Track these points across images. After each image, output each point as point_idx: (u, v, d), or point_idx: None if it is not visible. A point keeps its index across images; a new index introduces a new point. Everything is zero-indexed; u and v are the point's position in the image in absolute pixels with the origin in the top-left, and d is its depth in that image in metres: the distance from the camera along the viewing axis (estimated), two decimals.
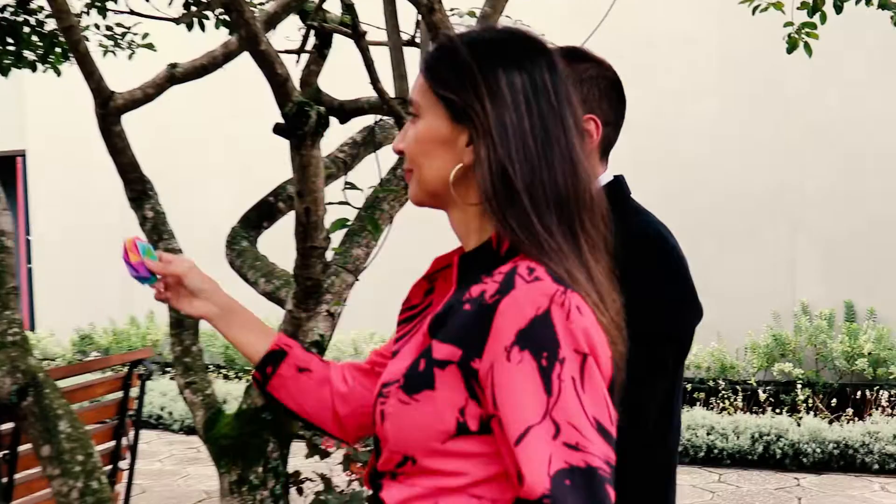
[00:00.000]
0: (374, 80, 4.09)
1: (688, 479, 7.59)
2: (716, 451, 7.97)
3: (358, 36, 4.11)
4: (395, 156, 4.34)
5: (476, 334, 1.35)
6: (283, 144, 3.02)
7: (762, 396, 9.13)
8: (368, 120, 4.84)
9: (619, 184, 2.10)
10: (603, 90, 2.04)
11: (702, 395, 9.38)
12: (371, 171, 4.29)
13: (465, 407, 1.36)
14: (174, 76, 4.08)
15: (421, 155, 1.52)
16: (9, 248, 3.46)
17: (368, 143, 4.74)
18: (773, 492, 7.26)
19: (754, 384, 9.37)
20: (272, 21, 3.89)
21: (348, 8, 4.12)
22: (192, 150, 12.30)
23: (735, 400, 9.17)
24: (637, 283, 1.85)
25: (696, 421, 8.22)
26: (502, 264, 1.40)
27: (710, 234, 10.04)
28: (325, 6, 4.88)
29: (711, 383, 9.51)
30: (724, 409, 9.10)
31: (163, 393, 10.08)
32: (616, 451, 1.34)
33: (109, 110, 3.98)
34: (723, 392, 9.34)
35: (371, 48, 4.19)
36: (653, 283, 1.92)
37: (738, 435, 8.02)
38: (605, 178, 2.07)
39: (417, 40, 5.33)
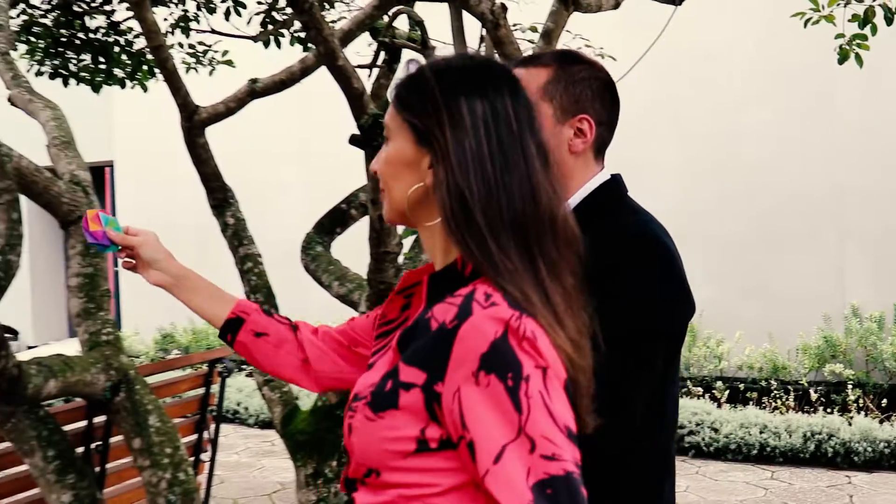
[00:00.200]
0: None
1: (741, 476, 7.51)
2: (768, 449, 7.87)
3: (427, 50, 4.12)
4: None
5: (438, 359, 1.35)
6: (354, 154, 3.05)
7: (813, 396, 9.00)
8: None
9: (615, 183, 2.07)
10: (596, 91, 2.00)
11: (754, 394, 9.26)
12: None
13: (426, 428, 1.37)
14: (255, 90, 4.12)
15: (389, 176, 1.54)
16: (102, 254, 3.52)
17: None
18: (826, 489, 7.15)
19: (805, 384, 9.24)
20: (347, 38, 3.93)
21: (418, 24, 4.14)
22: (270, 160, 12.41)
23: (787, 400, 9.05)
24: (632, 280, 1.87)
25: (749, 420, 8.12)
26: (465, 286, 1.40)
27: (762, 237, 9.94)
28: (393, 23, 4.91)
29: (764, 383, 9.39)
30: (776, 408, 8.98)
31: (239, 389, 10.18)
32: (602, 448, 1.39)
33: (194, 123, 4.04)
34: (775, 392, 9.22)
35: None
36: (647, 281, 1.88)
37: (791, 434, 7.91)
38: (602, 176, 2.05)
39: (482, 54, 5.33)
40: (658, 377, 1.92)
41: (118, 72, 6.59)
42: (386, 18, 4.49)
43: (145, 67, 6.60)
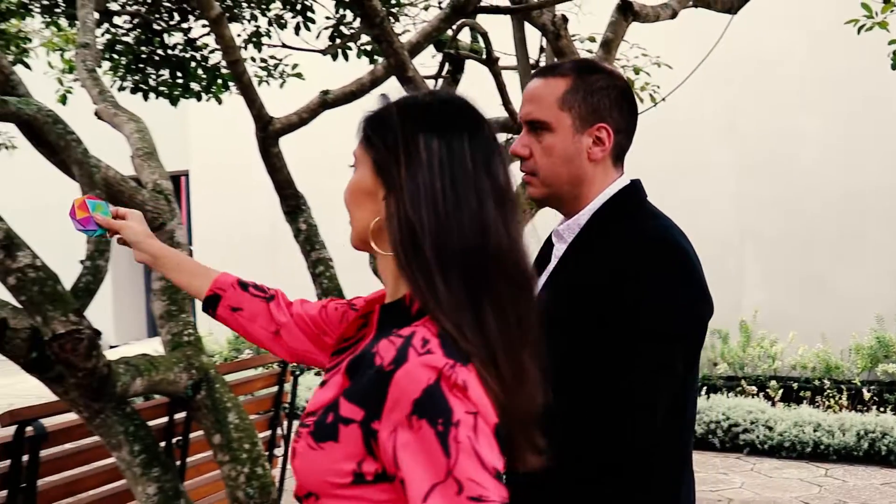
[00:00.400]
0: (506, 102, 4.12)
1: (795, 473, 7.40)
2: (822, 447, 7.75)
3: (491, 62, 4.12)
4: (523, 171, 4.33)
5: (375, 399, 1.35)
6: None
7: (866, 396, 8.86)
8: (499, 138, 4.84)
9: (634, 188, 2.04)
10: (613, 99, 1.98)
11: (807, 393, 9.14)
12: None
13: (363, 461, 1.38)
14: (326, 101, 4.15)
15: (352, 204, 1.56)
16: None
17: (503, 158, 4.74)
18: (879, 487, 7.03)
19: (858, 384, 9.10)
20: (414, 50, 3.93)
21: (482, 36, 4.14)
22: (340, 168, 12.46)
23: (840, 399, 8.91)
24: (651, 285, 1.84)
25: (802, 418, 8.01)
26: (412, 322, 1.42)
27: (816, 239, 9.82)
28: (457, 35, 4.92)
29: (817, 382, 9.26)
30: (829, 407, 8.85)
31: (308, 387, 10.24)
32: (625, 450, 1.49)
33: (269, 133, 4.07)
34: (828, 391, 9.09)
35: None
36: (666, 285, 1.85)
37: (844, 432, 7.79)
38: (622, 182, 2.03)
39: (542, 64, 5.33)
40: (679, 380, 1.89)
41: (194, 85, 6.67)
42: (450, 32, 4.48)
43: (220, 81, 6.67)
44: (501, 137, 4.83)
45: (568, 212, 2.04)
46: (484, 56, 4.74)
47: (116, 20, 6.45)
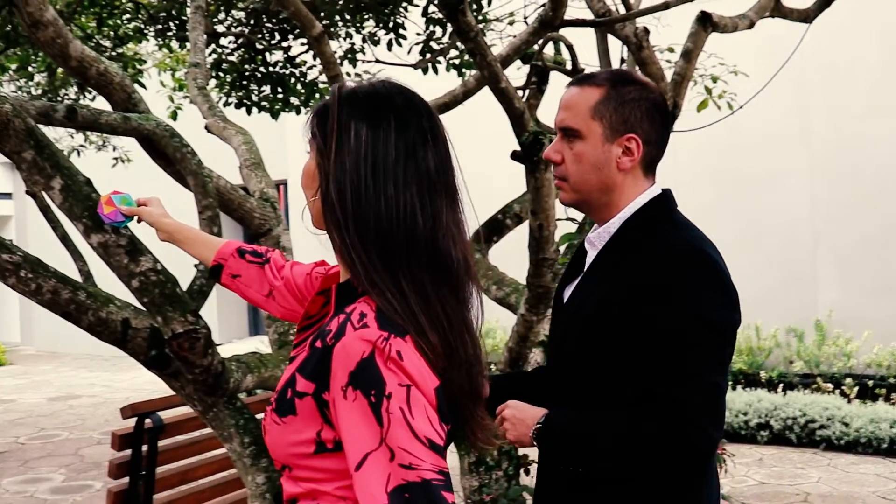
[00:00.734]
0: None
1: (872, 469, 7.19)
2: None
3: (576, 72, 4.07)
4: None
5: (322, 372, 1.38)
6: (507, 168, 3.03)
7: None
8: None
9: (664, 198, 1.99)
10: (645, 111, 1.94)
11: (883, 391, 8.89)
12: None
13: (321, 431, 1.41)
14: None
15: (304, 187, 1.59)
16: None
17: None
18: None
19: None
20: (504, 63, 3.91)
21: (568, 48, 4.10)
22: None
23: None
24: (682, 295, 1.79)
25: (878, 415, 7.78)
26: (355, 300, 1.44)
27: (890, 240, 9.55)
28: (537, 45, 4.88)
29: (892, 380, 9.00)
30: None
31: None
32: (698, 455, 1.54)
33: None
34: None
35: None
36: (698, 295, 1.80)
37: None
38: (653, 191, 1.98)
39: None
40: (724, 386, 1.83)
41: (294, 100, 6.75)
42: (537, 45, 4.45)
43: (317, 95, 6.73)
44: None
45: (599, 218, 2.01)
46: (569, 67, 4.71)
47: (222, 41, 6.55)
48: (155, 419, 3.90)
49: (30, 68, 7.18)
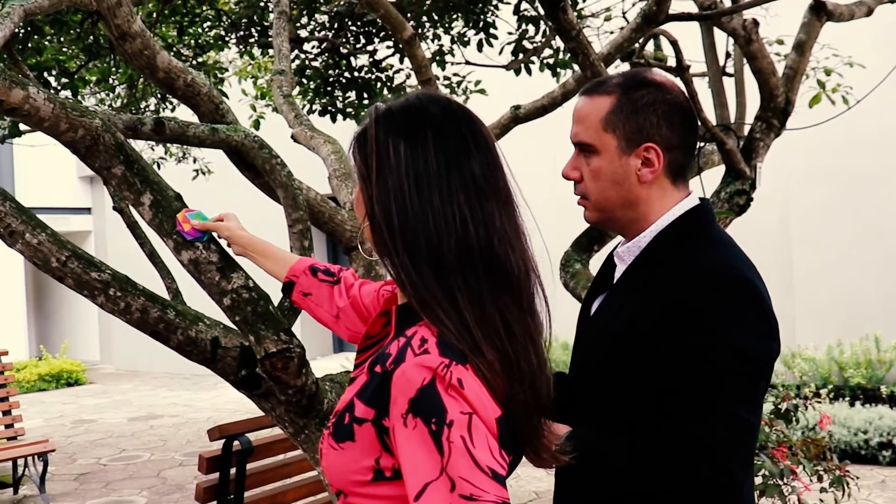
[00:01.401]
0: (698, 110, 4.02)
1: None
2: None
3: (682, 69, 4.03)
4: (719, 179, 4.21)
5: (382, 397, 1.40)
6: None
7: None
8: None
9: (700, 211, 1.90)
10: (661, 115, 1.86)
11: None
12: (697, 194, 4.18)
13: (380, 458, 1.43)
14: (518, 116, 4.14)
15: (357, 215, 1.66)
16: (383, 276, 3.61)
17: (691, 167, 4.64)
18: None
19: None
20: (606, 61, 3.89)
21: (672, 44, 4.06)
22: (531, 183, 12.44)
23: None
24: (713, 320, 1.71)
25: None
26: (419, 322, 1.46)
27: None
28: (639, 42, 4.84)
29: None
30: None
31: None
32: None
33: None
34: None
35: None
36: (730, 321, 1.71)
37: None
38: (688, 202, 1.90)
39: (729, 70, 5.20)
40: (754, 421, 1.74)
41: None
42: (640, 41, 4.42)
43: None
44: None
45: (628, 234, 1.95)
46: (674, 64, 4.66)
47: (306, 46, 6.64)
48: (243, 441, 3.97)
49: (111, 80, 7.39)
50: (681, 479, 1.72)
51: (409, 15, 5.83)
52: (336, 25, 6.43)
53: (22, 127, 5.62)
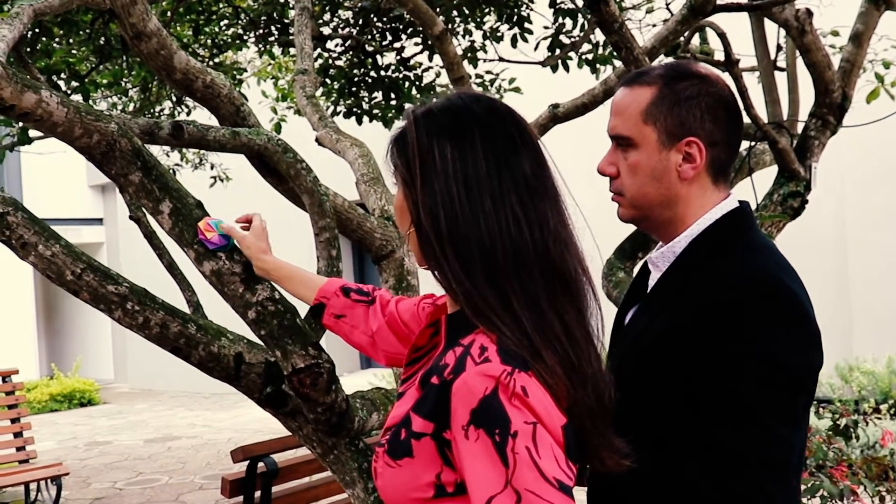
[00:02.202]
0: (749, 107, 3.99)
1: None
2: None
3: (731, 63, 4.01)
4: (771, 181, 4.19)
5: (441, 409, 1.41)
6: None
7: None
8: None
9: (740, 214, 1.88)
10: (705, 109, 1.84)
11: None
12: (747, 196, 4.15)
13: (441, 473, 1.43)
14: (557, 116, 4.14)
15: (398, 222, 1.64)
16: (414, 287, 3.62)
17: (741, 168, 4.61)
18: None
19: None
20: (650, 56, 3.87)
21: (721, 37, 4.03)
22: (572, 186, 12.41)
23: None
24: (755, 330, 1.68)
25: None
26: (473, 330, 1.47)
27: None
28: (684, 36, 4.83)
29: None
30: None
31: None
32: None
33: None
34: None
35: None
36: (771, 330, 1.69)
37: None
38: (727, 205, 1.88)
39: (781, 64, 5.17)
40: (794, 439, 1.72)
41: (409, 106, 6.81)
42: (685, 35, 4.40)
43: (435, 101, 6.78)
44: (742, 145, 4.69)
45: (664, 236, 1.93)
46: (722, 58, 4.64)
47: (329, 44, 6.66)
48: (268, 462, 3.97)
49: (123, 83, 7.44)
50: (710, 493, 1.70)
51: (438, 9, 5.84)
52: (361, 22, 6.45)
53: (31, 134, 5.67)
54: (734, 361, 1.69)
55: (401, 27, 6.47)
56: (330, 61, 6.71)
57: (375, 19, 6.43)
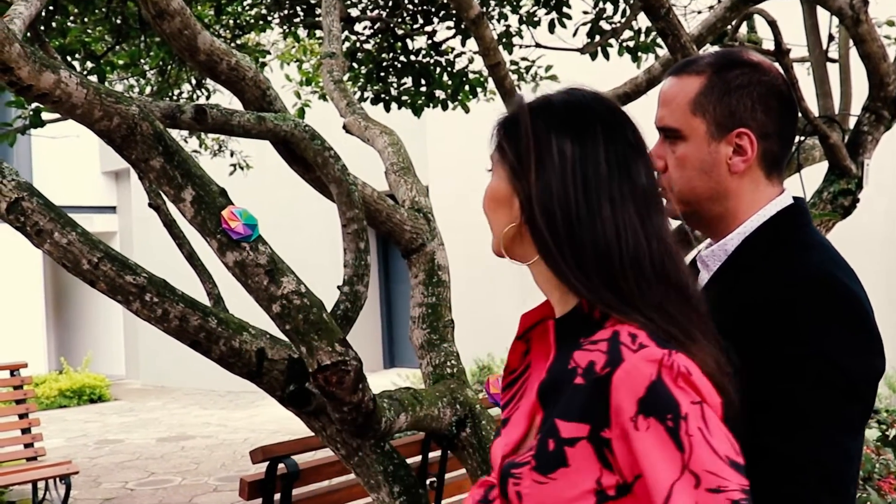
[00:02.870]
0: (799, 99, 3.97)
1: None
2: None
3: (781, 53, 4.00)
4: (821, 178, 4.17)
5: (598, 407, 1.41)
6: None
7: None
8: None
9: (796, 210, 1.87)
10: (757, 98, 1.83)
11: None
12: (796, 193, 4.13)
13: (601, 477, 1.42)
14: None
15: (489, 211, 1.63)
16: (445, 283, 3.62)
17: (790, 164, 4.59)
18: None
19: None
20: (698, 43, 3.86)
21: (771, 25, 4.02)
22: None
23: None
24: (811, 333, 1.68)
25: None
26: (599, 328, 1.48)
27: None
28: (738, 26, 4.81)
29: None
30: None
31: None
32: None
33: None
34: None
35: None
36: (829, 332, 1.68)
37: None
38: (781, 201, 1.87)
39: (833, 55, 5.15)
40: (851, 447, 1.70)
41: (439, 93, 6.81)
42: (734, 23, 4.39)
43: (467, 88, 6.78)
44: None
45: (714, 233, 1.93)
46: (771, 48, 4.61)
47: (357, 27, 6.67)
48: (289, 464, 3.99)
49: (141, 64, 7.47)
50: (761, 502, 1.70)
51: None
52: (391, 3, 6.46)
53: (44, 116, 5.70)
54: (790, 364, 1.68)
55: (432, 10, 6.47)
56: (358, 45, 6.72)
57: (406, 1, 6.44)
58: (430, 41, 6.66)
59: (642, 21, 6.35)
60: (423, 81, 6.65)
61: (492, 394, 2.49)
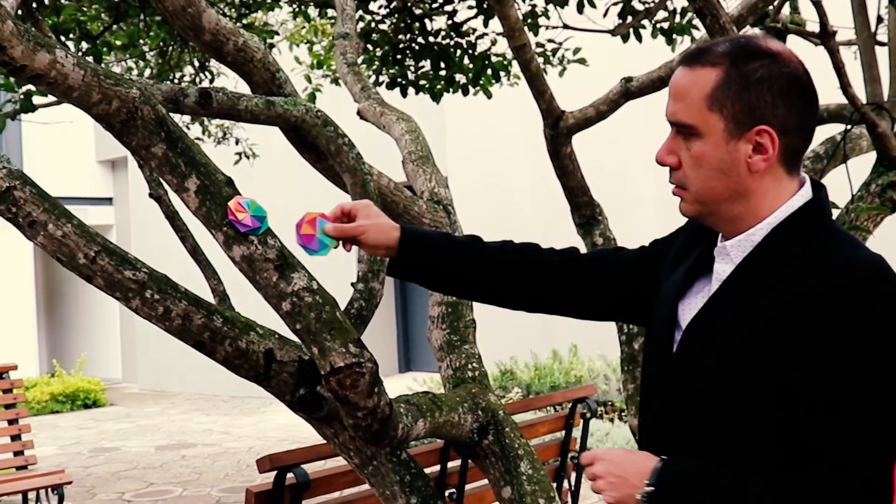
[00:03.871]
0: (845, 85, 3.96)
1: None
2: None
3: (826, 36, 3.98)
4: (868, 169, 4.14)
5: None
6: None
7: None
8: (830, 130, 4.67)
9: (818, 204, 1.89)
10: (778, 92, 1.82)
11: None
12: (841, 186, 4.12)
13: None
14: (629, 91, 4.12)
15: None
16: None
17: (835, 154, 4.58)
18: None
19: None
20: (738, 24, 3.85)
21: (815, 5, 4.00)
22: (638, 171, 12.34)
23: None
24: (867, 327, 1.70)
25: None
26: None
27: None
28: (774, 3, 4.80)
29: None
30: None
31: (606, 432, 10.19)
32: None
33: (560, 131, 4.08)
34: None
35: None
36: (887, 327, 1.70)
37: None
38: (804, 195, 1.88)
39: (882, 38, 5.12)
40: None
41: (460, 77, 6.80)
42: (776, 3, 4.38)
43: (489, 72, 6.77)
44: (831, 130, 4.65)
45: (732, 230, 1.93)
46: (816, 30, 4.60)
47: (372, 6, 6.67)
48: (299, 473, 3.99)
49: (140, 45, 7.47)
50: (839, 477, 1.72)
51: None
52: None
53: (36, 101, 5.72)
54: (843, 363, 1.70)
55: None
56: (373, 25, 6.72)
57: None
58: (450, 21, 6.65)
59: (676, 1, 6.34)
60: (442, 64, 6.64)
61: (301, 234, 2.27)
